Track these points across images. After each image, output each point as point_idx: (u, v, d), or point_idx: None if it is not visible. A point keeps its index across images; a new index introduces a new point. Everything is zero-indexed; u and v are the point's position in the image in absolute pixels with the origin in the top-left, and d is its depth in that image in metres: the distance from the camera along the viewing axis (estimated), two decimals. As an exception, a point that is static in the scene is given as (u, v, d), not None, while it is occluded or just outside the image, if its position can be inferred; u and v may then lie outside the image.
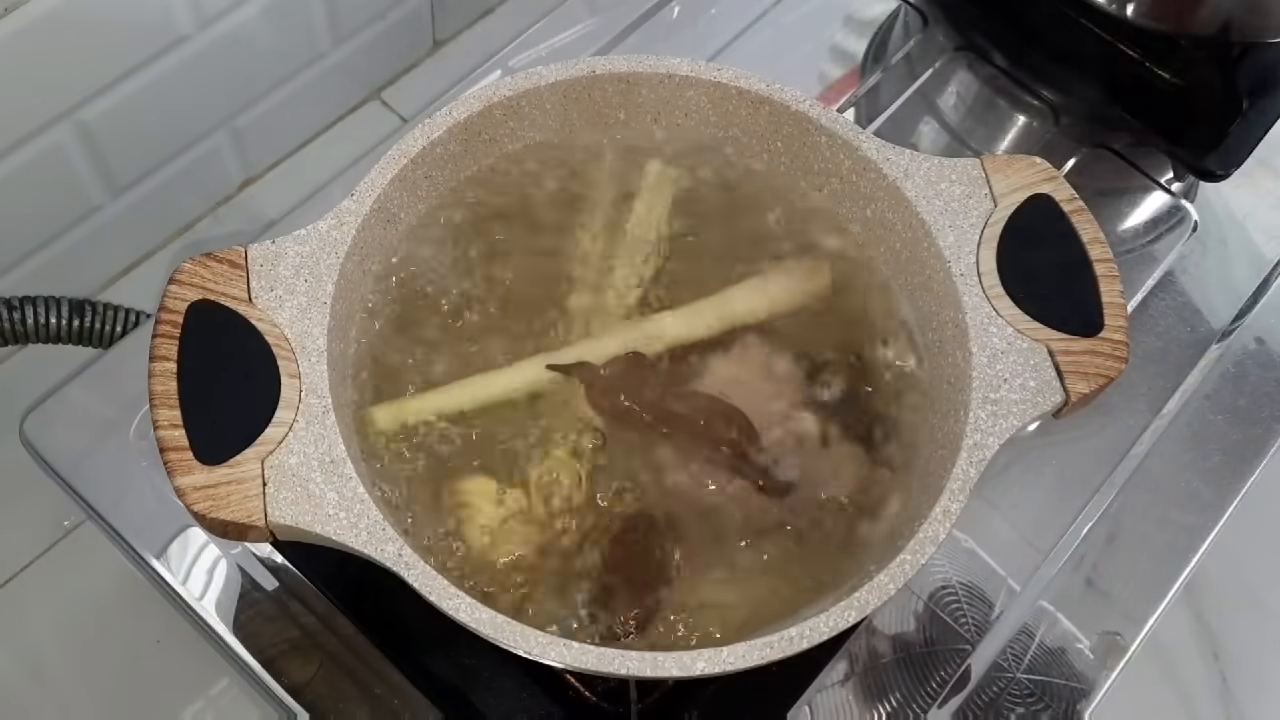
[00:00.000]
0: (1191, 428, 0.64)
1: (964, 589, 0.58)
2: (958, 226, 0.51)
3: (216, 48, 0.68)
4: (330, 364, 0.47)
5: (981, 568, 0.59)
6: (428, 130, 0.52)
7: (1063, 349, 0.48)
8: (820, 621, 0.42)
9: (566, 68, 0.54)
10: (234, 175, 0.78)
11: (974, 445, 0.46)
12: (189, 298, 0.47)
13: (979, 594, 0.58)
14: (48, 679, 0.66)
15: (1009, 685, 0.57)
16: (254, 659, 0.55)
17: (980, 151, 0.74)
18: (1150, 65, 0.68)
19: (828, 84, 0.76)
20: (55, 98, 0.63)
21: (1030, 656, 0.57)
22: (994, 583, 0.59)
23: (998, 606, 0.58)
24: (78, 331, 0.64)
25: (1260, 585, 0.76)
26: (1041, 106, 0.74)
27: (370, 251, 0.51)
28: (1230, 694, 0.73)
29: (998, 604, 0.58)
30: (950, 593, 0.58)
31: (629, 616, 0.47)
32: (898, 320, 0.53)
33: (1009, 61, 0.74)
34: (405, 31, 0.81)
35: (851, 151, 0.53)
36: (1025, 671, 0.57)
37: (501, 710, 0.56)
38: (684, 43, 0.75)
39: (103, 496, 0.58)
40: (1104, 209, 0.71)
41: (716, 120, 0.56)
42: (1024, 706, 0.56)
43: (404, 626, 0.56)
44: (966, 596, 0.58)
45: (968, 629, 0.57)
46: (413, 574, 0.43)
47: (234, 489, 0.44)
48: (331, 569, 0.57)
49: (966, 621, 0.57)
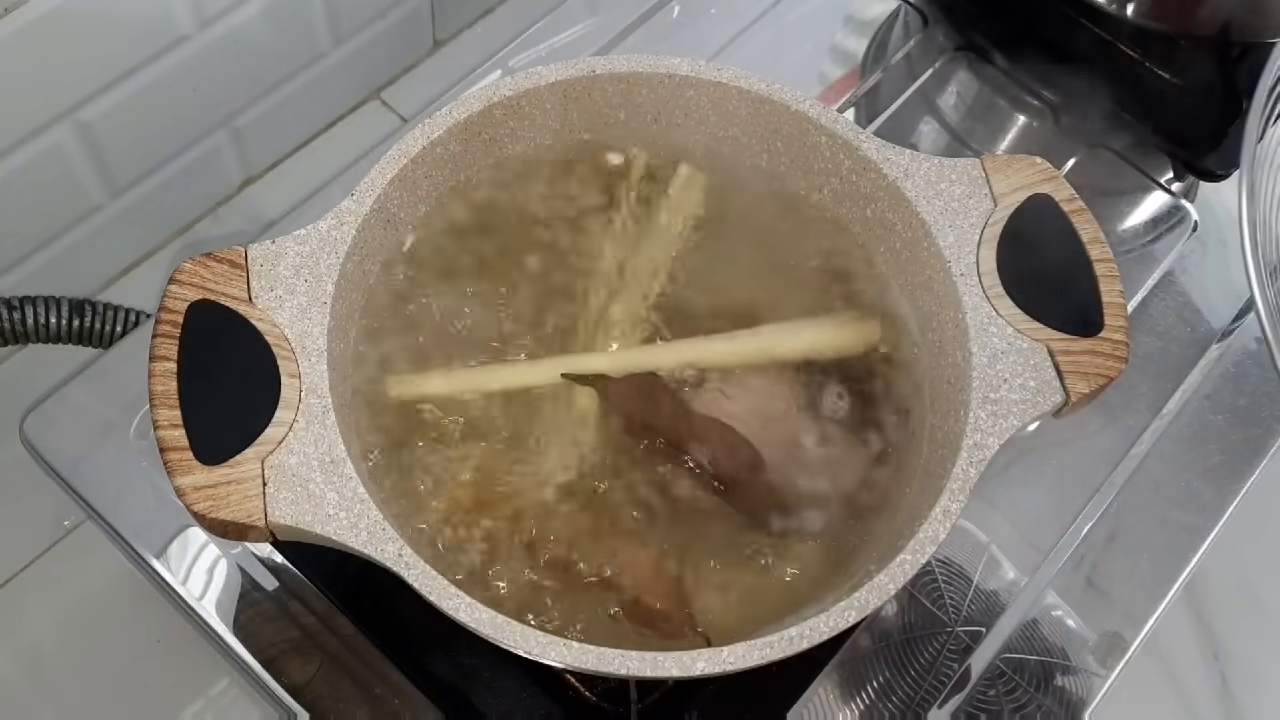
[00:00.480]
0: (1191, 428, 0.64)
1: (941, 568, 0.58)
2: (958, 226, 0.51)
3: (216, 48, 0.68)
4: (330, 364, 0.47)
5: (961, 543, 0.59)
6: (428, 130, 0.52)
7: (1063, 349, 0.48)
8: (820, 621, 0.42)
9: (566, 68, 0.54)
10: (234, 175, 0.78)
11: (974, 445, 0.46)
12: (189, 298, 0.47)
13: (958, 571, 0.58)
14: (48, 679, 0.66)
15: (1008, 685, 0.57)
16: (254, 659, 0.55)
17: (980, 151, 0.74)
18: (1150, 65, 0.68)
19: (828, 84, 0.76)
20: (55, 98, 0.63)
21: (1030, 657, 0.57)
22: (973, 557, 0.58)
23: (1002, 596, 0.58)
24: (78, 331, 0.64)
25: (1260, 585, 0.76)
26: (1041, 106, 0.74)
27: (370, 251, 0.51)
28: (1230, 694, 0.73)
29: (1000, 597, 0.58)
30: (928, 573, 0.58)
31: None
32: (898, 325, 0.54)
33: (1009, 61, 0.74)
34: (405, 31, 0.81)
35: (851, 151, 0.53)
36: (1025, 671, 0.57)
37: (501, 710, 0.56)
38: (684, 43, 0.75)
39: (103, 496, 0.58)
40: (1104, 209, 0.70)
41: (716, 120, 0.56)
42: (1023, 706, 0.56)
43: (404, 626, 0.56)
44: (945, 576, 0.58)
45: (947, 611, 0.57)
46: (413, 574, 0.43)
47: (234, 489, 0.44)
48: (331, 569, 0.57)
49: (945, 603, 0.57)
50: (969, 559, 0.59)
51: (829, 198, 0.56)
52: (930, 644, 0.57)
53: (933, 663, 0.56)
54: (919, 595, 0.58)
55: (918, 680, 0.56)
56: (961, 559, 0.59)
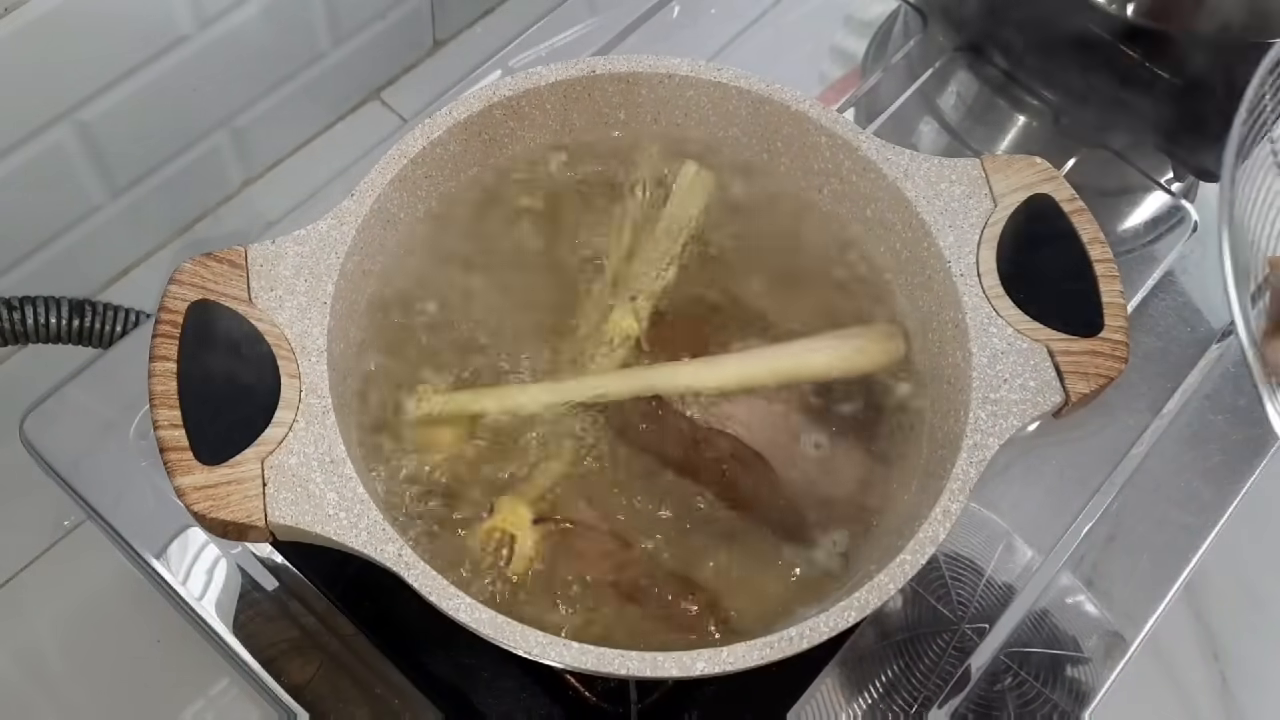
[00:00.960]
0: (1191, 428, 0.64)
1: (949, 563, 0.58)
2: (958, 226, 0.51)
3: (216, 48, 0.68)
4: (330, 364, 0.47)
5: (969, 539, 0.59)
6: (428, 130, 0.52)
7: (1063, 349, 0.48)
8: (820, 621, 0.42)
9: (566, 68, 0.54)
10: (234, 175, 0.78)
11: (974, 445, 0.46)
12: (189, 298, 0.47)
13: (967, 565, 0.58)
14: (48, 679, 0.66)
15: (1009, 685, 0.57)
16: (254, 659, 0.55)
17: (980, 151, 0.74)
18: (1150, 65, 0.68)
19: (828, 84, 0.76)
20: (55, 98, 0.63)
21: (1030, 656, 0.57)
22: (983, 552, 0.58)
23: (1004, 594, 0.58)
24: (78, 331, 0.64)
25: (1260, 585, 0.76)
26: (1041, 106, 0.74)
27: (370, 251, 0.51)
28: (1230, 694, 0.73)
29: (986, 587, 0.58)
30: (934, 570, 0.58)
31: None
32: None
33: (1009, 61, 0.74)
34: (405, 31, 0.81)
35: (851, 152, 0.53)
36: (1025, 671, 0.57)
37: (501, 710, 0.56)
38: (684, 43, 0.75)
39: (103, 496, 0.58)
40: (1104, 209, 0.70)
41: (716, 120, 0.56)
42: (1024, 706, 0.56)
43: (404, 626, 0.56)
44: (952, 573, 0.58)
45: (953, 608, 0.57)
46: (413, 574, 0.43)
47: (234, 489, 0.44)
48: (331, 569, 0.57)
49: (951, 600, 0.57)
50: (978, 554, 0.59)
51: (829, 198, 0.56)
52: (935, 641, 0.57)
53: (937, 661, 0.56)
54: (924, 592, 0.58)
55: (922, 679, 0.56)
56: (970, 554, 0.59)
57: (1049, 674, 0.57)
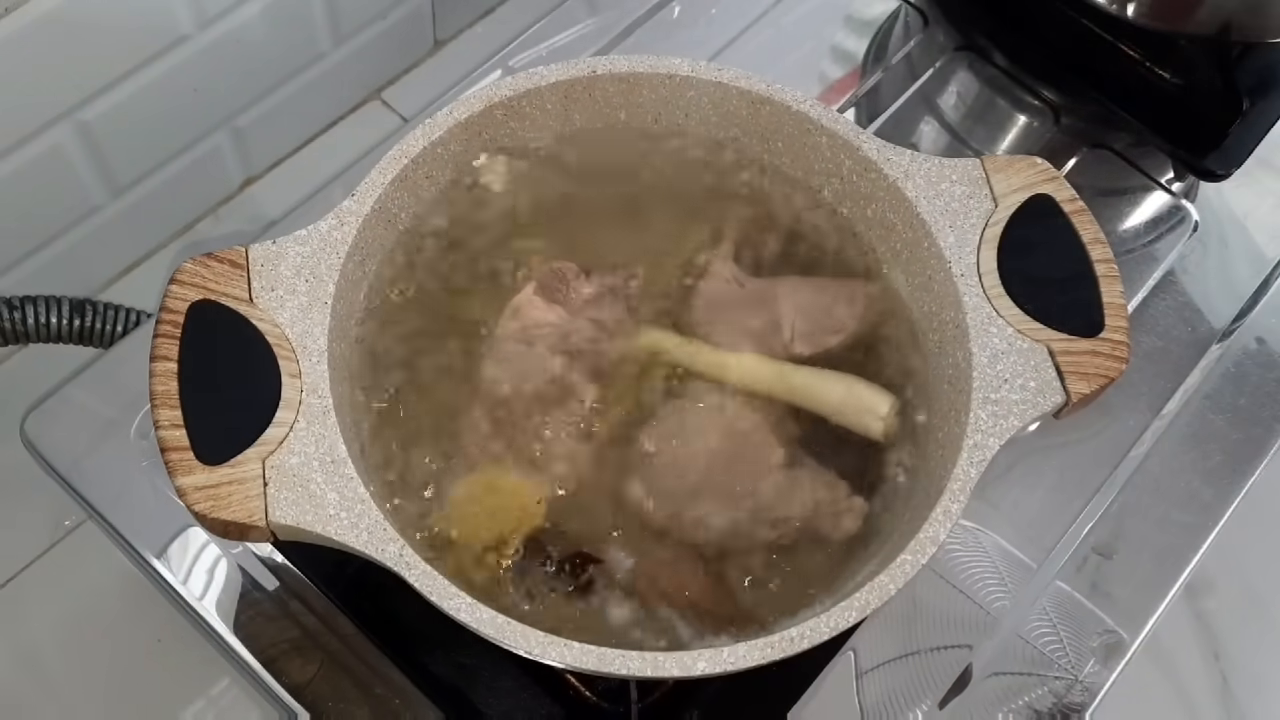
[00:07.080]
0: (1191, 428, 0.64)
1: (952, 562, 0.58)
2: (958, 226, 0.51)
3: (216, 48, 0.68)
4: (331, 364, 0.47)
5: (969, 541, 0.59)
6: (428, 130, 0.52)
7: (1063, 349, 0.48)
8: (820, 621, 0.42)
9: (567, 68, 0.54)
10: (234, 175, 0.78)
11: (974, 446, 0.46)
12: (190, 298, 0.47)
13: (967, 564, 0.58)
14: (48, 679, 0.66)
15: (1009, 685, 0.57)
16: (254, 659, 0.55)
17: (980, 151, 0.74)
18: (1150, 65, 0.68)
19: (828, 84, 0.76)
20: (55, 98, 0.63)
21: (1030, 657, 0.57)
22: (983, 555, 0.59)
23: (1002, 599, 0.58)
24: (78, 331, 0.64)
25: (1260, 585, 0.76)
26: (1041, 106, 0.74)
27: (371, 252, 0.51)
28: (1230, 694, 0.73)
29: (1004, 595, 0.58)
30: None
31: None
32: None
33: (1009, 61, 0.74)
34: (406, 31, 0.81)
35: (852, 151, 0.53)
36: (1025, 671, 0.57)
37: (501, 710, 0.56)
38: (684, 43, 0.75)
39: (103, 496, 0.58)
40: (1104, 209, 0.71)
41: (717, 120, 0.56)
42: (1024, 707, 0.56)
43: (404, 626, 0.56)
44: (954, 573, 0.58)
45: (956, 607, 0.57)
46: (413, 574, 0.43)
47: (235, 489, 0.44)
48: (331, 569, 0.57)
49: (954, 598, 0.57)
50: (979, 553, 0.59)
51: (829, 198, 0.56)
52: (936, 641, 0.57)
53: (938, 661, 0.56)
54: (926, 592, 0.58)
55: (923, 679, 0.56)
56: (970, 554, 0.59)
57: (1048, 674, 0.57)
